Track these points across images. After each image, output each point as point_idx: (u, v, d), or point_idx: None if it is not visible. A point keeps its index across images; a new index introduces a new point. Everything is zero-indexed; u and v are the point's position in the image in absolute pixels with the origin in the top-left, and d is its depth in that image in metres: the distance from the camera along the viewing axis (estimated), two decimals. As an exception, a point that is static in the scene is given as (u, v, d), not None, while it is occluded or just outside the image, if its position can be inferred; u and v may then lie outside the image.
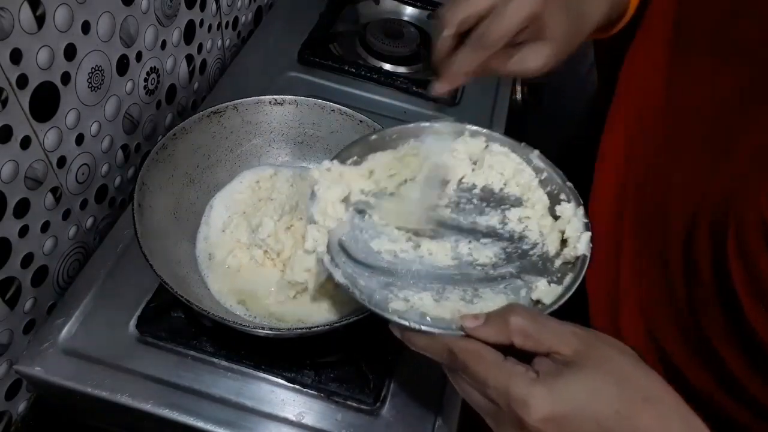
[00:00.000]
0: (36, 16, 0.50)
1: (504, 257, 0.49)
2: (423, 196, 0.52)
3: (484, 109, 0.93)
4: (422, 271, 0.49)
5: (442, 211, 0.52)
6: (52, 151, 0.57)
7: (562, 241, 0.49)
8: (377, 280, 0.47)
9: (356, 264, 0.48)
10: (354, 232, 0.50)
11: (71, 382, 0.57)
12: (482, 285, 0.47)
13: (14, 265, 0.56)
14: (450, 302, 0.46)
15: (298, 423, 0.57)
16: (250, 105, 0.68)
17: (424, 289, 0.47)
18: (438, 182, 0.53)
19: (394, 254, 0.50)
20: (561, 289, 0.45)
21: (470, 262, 0.49)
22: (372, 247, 0.49)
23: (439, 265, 0.49)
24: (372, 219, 0.51)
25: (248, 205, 0.67)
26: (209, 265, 0.63)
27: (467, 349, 0.39)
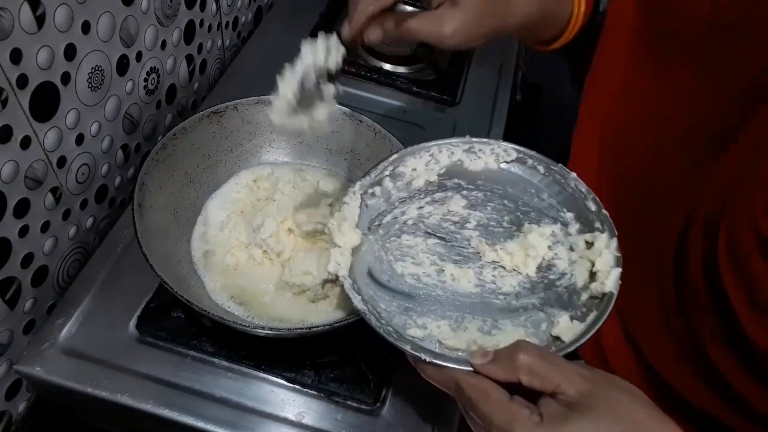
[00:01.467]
0: (36, 16, 0.50)
1: (529, 287, 0.48)
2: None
3: (484, 109, 0.93)
4: (443, 297, 0.48)
5: (470, 232, 0.51)
6: (52, 151, 0.57)
7: (591, 273, 0.47)
8: (397, 304, 0.47)
9: (378, 286, 0.48)
10: (380, 253, 0.50)
11: (71, 382, 0.57)
12: (502, 316, 0.46)
13: (14, 265, 0.56)
14: (467, 333, 0.45)
15: (298, 423, 0.57)
16: (250, 105, 0.68)
17: (442, 317, 0.46)
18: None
19: (417, 278, 0.49)
20: (582, 327, 0.44)
21: (493, 290, 0.48)
22: (396, 270, 0.49)
23: (461, 291, 0.48)
24: (399, 241, 0.51)
25: (246, 204, 0.68)
26: (206, 264, 0.63)
27: (474, 386, 0.39)
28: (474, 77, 0.98)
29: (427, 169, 0.54)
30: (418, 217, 0.52)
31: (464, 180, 0.54)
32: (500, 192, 0.53)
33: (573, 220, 0.51)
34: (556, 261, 0.49)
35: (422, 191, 0.53)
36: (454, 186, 0.54)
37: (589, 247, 0.49)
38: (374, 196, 0.52)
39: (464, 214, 0.52)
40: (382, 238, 0.51)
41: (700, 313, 0.46)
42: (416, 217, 0.52)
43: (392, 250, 0.50)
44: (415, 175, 0.54)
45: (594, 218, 0.50)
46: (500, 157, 0.54)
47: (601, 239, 0.48)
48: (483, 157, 0.54)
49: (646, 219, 0.54)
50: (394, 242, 0.51)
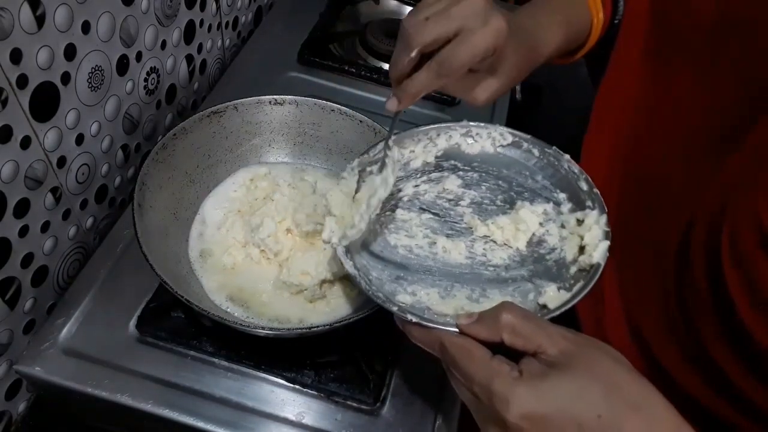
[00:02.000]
0: (36, 16, 0.50)
1: (518, 260, 0.50)
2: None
3: (484, 109, 0.93)
4: (434, 267, 0.50)
5: (464, 209, 0.53)
6: (52, 151, 0.57)
7: (581, 248, 0.49)
8: (389, 273, 0.48)
9: (371, 256, 0.49)
10: (374, 225, 0.51)
11: (71, 382, 0.57)
12: (491, 286, 0.48)
13: (14, 265, 0.56)
14: (455, 300, 0.47)
15: (298, 423, 0.57)
16: (250, 105, 0.68)
17: (432, 285, 0.48)
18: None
19: (410, 249, 0.51)
20: (568, 296, 0.45)
21: (483, 262, 0.50)
22: (389, 241, 0.51)
23: (452, 263, 0.50)
24: (393, 215, 0.52)
25: (244, 204, 0.67)
26: (204, 263, 0.63)
27: (457, 344, 0.40)
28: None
29: (425, 151, 0.55)
30: (413, 194, 0.54)
31: (461, 162, 0.55)
32: (495, 173, 0.55)
33: (565, 200, 0.52)
34: (547, 237, 0.51)
35: (419, 171, 0.55)
36: (451, 167, 0.55)
37: (580, 224, 0.50)
38: (372, 174, 0.53)
39: (459, 193, 0.54)
40: (378, 213, 0.52)
41: (702, 313, 0.46)
42: (412, 194, 0.54)
43: (387, 224, 0.52)
44: (412, 156, 0.55)
45: (585, 197, 0.51)
46: (496, 140, 0.55)
47: (591, 216, 0.49)
48: (480, 141, 0.56)
49: (649, 220, 0.54)
50: (389, 216, 0.52)
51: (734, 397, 0.45)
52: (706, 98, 0.50)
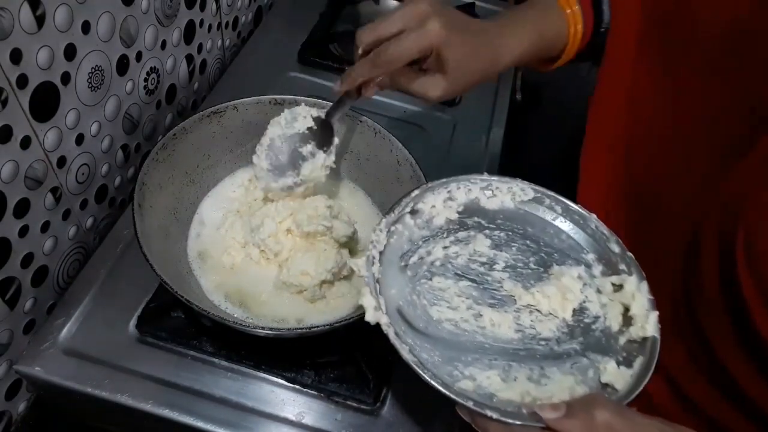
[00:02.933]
0: (36, 16, 0.50)
1: (567, 331, 0.47)
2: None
3: (485, 109, 0.93)
4: (486, 344, 0.46)
5: (500, 274, 0.50)
6: (52, 151, 0.57)
7: (626, 317, 0.47)
8: (440, 354, 0.45)
9: (416, 333, 0.45)
10: (412, 297, 0.48)
11: (71, 382, 0.57)
12: (548, 363, 0.45)
13: (14, 265, 0.56)
14: (518, 383, 0.44)
15: (298, 423, 0.57)
16: (250, 105, 0.68)
17: (489, 366, 0.45)
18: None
19: (455, 324, 0.47)
20: (632, 374, 0.43)
21: (533, 336, 0.47)
22: (431, 315, 0.47)
23: (503, 338, 0.47)
24: (430, 283, 0.49)
25: (243, 204, 0.67)
26: (203, 263, 0.63)
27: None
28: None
29: (446, 207, 0.53)
30: (445, 258, 0.51)
31: (484, 219, 0.53)
32: (521, 232, 0.53)
33: (595, 261, 0.50)
34: (588, 304, 0.48)
35: (444, 229, 0.52)
36: (475, 225, 0.53)
37: (617, 290, 0.48)
38: (396, 234, 0.50)
39: (491, 255, 0.51)
40: (412, 280, 0.49)
41: (711, 314, 0.46)
42: (443, 257, 0.51)
43: (424, 294, 0.48)
44: (434, 212, 0.52)
45: (618, 260, 0.49)
46: (517, 195, 0.53)
47: (630, 282, 0.47)
48: (499, 195, 0.54)
49: (655, 224, 0.54)
50: (425, 285, 0.49)
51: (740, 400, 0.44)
52: (713, 106, 0.49)
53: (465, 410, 0.41)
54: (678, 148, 0.53)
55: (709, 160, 0.49)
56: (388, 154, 0.67)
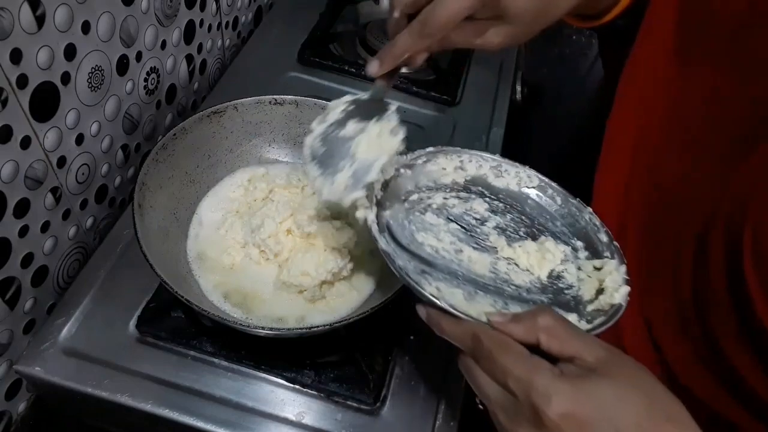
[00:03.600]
0: (36, 16, 0.50)
1: (539, 286, 0.50)
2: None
3: (485, 109, 0.93)
4: (459, 272, 0.49)
5: (489, 230, 0.54)
6: (52, 151, 0.57)
7: (598, 290, 0.49)
8: (414, 265, 0.48)
9: (398, 246, 0.49)
10: (404, 221, 0.52)
11: (71, 382, 0.57)
12: (512, 302, 0.48)
13: (14, 265, 0.56)
14: (479, 305, 0.46)
15: (298, 423, 0.57)
16: (250, 105, 0.68)
17: (457, 286, 0.48)
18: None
19: (436, 250, 0.51)
20: (588, 327, 0.45)
21: (506, 280, 0.50)
22: (416, 238, 0.51)
23: (476, 272, 0.50)
24: (423, 217, 0.53)
25: (242, 204, 0.67)
26: (203, 263, 0.63)
27: (494, 337, 0.39)
28: (474, 77, 0.98)
29: (455, 172, 0.56)
30: (442, 204, 0.54)
31: (488, 190, 0.56)
32: (519, 209, 0.56)
33: (582, 248, 0.53)
34: (566, 275, 0.51)
35: (448, 187, 0.56)
36: (478, 192, 0.56)
37: (597, 270, 0.51)
38: (405, 175, 0.54)
39: (485, 215, 0.55)
40: (407, 210, 0.53)
41: (719, 312, 0.46)
42: (441, 203, 0.54)
43: (415, 222, 0.52)
44: (444, 173, 0.56)
45: (604, 248, 0.52)
46: (523, 181, 0.56)
47: (610, 264, 0.50)
48: (507, 177, 0.57)
49: (664, 219, 0.54)
50: (418, 216, 0.53)
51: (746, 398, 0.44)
52: (726, 100, 0.49)
53: (423, 308, 0.43)
54: (686, 145, 0.53)
55: (718, 157, 0.49)
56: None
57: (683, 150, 0.53)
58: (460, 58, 0.99)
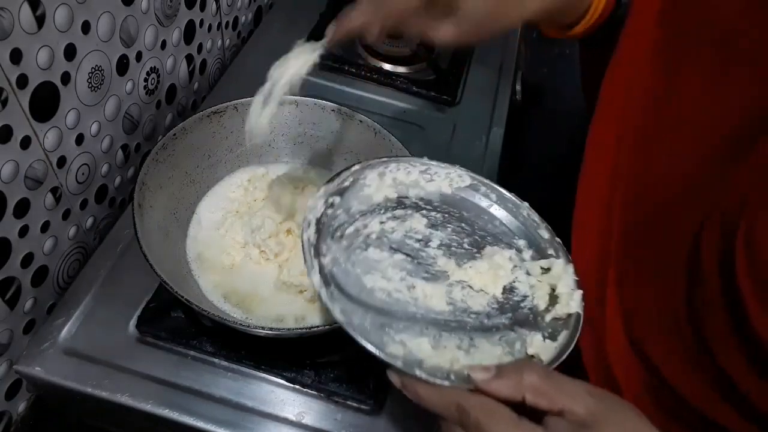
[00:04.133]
0: (36, 16, 0.50)
1: (497, 307, 0.49)
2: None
3: (484, 109, 0.93)
4: (418, 314, 0.47)
5: (434, 251, 0.52)
6: (52, 151, 0.57)
7: (552, 296, 0.49)
8: (372, 320, 0.45)
9: (348, 300, 0.46)
10: (346, 265, 0.48)
11: (71, 382, 0.57)
12: (477, 335, 0.46)
13: (14, 265, 0.56)
14: (447, 351, 0.44)
15: (298, 423, 0.57)
16: (251, 105, 0.68)
17: (420, 334, 0.45)
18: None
19: (388, 293, 0.48)
20: (556, 346, 0.44)
21: (464, 309, 0.48)
22: (365, 284, 0.48)
23: (435, 309, 0.48)
24: (365, 254, 0.50)
25: (242, 205, 0.67)
26: (202, 263, 0.63)
27: (479, 406, 0.38)
28: (474, 77, 0.98)
29: (385, 187, 0.54)
30: (381, 232, 0.51)
31: (421, 200, 0.54)
32: (457, 215, 0.54)
33: (525, 247, 0.52)
34: (517, 284, 0.50)
35: (381, 206, 0.53)
36: (413, 205, 0.54)
37: (545, 272, 0.50)
38: (334, 206, 0.51)
39: (426, 233, 0.52)
40: (347, 250, 0.49)
41: (712, 319, 0.46)
42: (379, 231, 0.51)
43: (359, 263, 0.49)
44: (374, 190, 0.53)
45: (547, 246, 0.51)
46: (454, 182, 0.55)
47: (557, 264, 0.49)
48: (437, 180, 0.55)
49: (656, 226, 0.53)
50: (360, 255, 0.50)
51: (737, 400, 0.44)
52: (715, 107, 0.49)
53: (394, 373, 0.42)
54: (675, 148, 0.52)
55: (710, 159, 0.49)
56: (388, 154, 0.67)
57: (673, 153, 0.53)
58: (460, 58, 0.99)
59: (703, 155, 0.50)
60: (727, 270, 0.43)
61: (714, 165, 0.49)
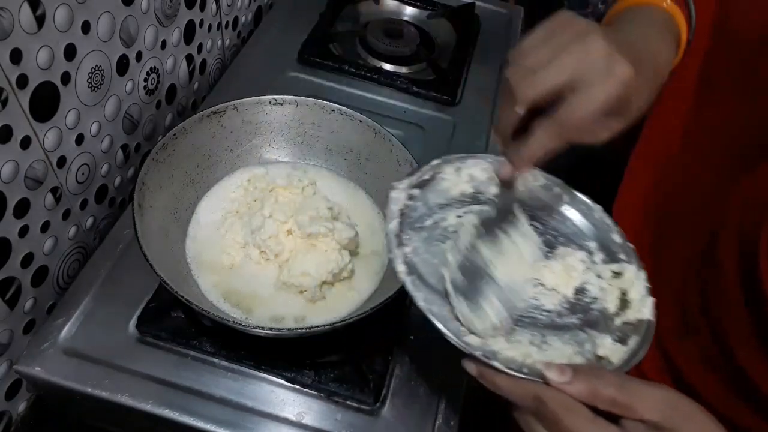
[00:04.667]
0: (36, 16, 0.50)
1: (568, 307, 0.49)
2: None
3: (484, 109, 0.93)
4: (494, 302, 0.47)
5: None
6: (52, 151, 0.57)
7: (623, 301, 0.49)
8: (449, 309, 0.46)
9: (429, 289, 0.47)
10: (425, 255, 0.49)
11: (71, 382, 0.57)
12: (549, 332, 0.47)
13: (14, 265, 0.56)
14: (521, 345, 0.45)
15: (298, 423, 0.57)
16: (250, 105, 0.68)
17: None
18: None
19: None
20: (626, 350, 0.45)
21: (537, 306, 0.49)
22: (444, 275, 0.48)
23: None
24: (443, 246, 0.50)
25: (242, 205, 0.67)
26: (202, 264, 0.63)
27: (558, 400, 0.38)
28: (474, 77, 0.98)
29: (462, 182, 0.54)
30: (457, 225, 0.52)
31: (496, 197, 0.54)
32: (529, 214, 0.54)
33: (597, 249, 0.52)
34: (588, 286, 0.50)
35: (458, 200, 0.54)
36: (488, 201, 0.54)
37: (616, 276, 0.50)
38: (414, 198, 0.52)
39: None
40: (426, 241, 0.50)
41: (731, 316, 0.46)
42: (456, 224, 0.52)
43: (438, 254, 0.50)
44: (451, 184, 0.54)
45: (619, 250, 0.51)
46: (528, 180, 0.55)
47: (629, 270, 0.49)
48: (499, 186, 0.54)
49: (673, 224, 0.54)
50: (438, 247, 0.51)
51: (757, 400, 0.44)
52: (746, 116, 0.49)
53: (472, 363, 0.42)
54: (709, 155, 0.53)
55: (729, 165, 0.49)
56: (388, 154, 0.67)
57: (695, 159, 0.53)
58: (460, 58, 0.99)
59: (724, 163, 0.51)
60: (748, 269, 0.43)
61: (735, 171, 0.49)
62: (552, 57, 0.40)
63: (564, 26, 0.41)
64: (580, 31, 0.40)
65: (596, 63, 0.39)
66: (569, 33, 0.40)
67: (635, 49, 0.43)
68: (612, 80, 0.39)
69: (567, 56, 0.39)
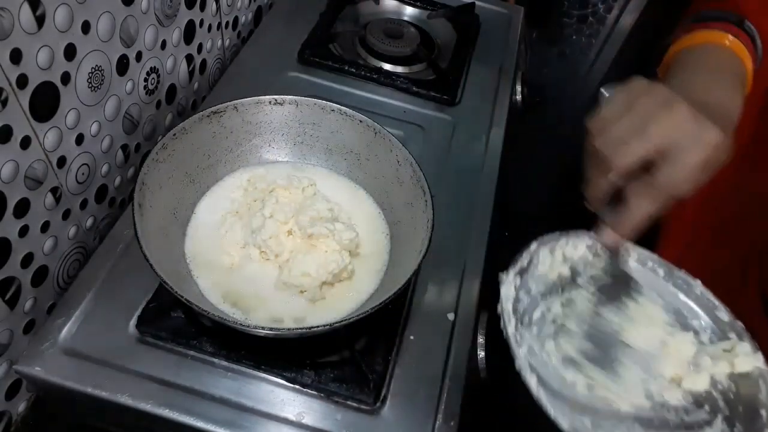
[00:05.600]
0: (36, 16, 0.50)
1: (691, 400, 0.47)
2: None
3: (484, 109, 0.93)
4: (621, 411, 0.46)
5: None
6: (52, 151, 0.57)
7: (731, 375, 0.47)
8: (581, 421, 0.44)
9: (551, 396, 0.44)
10: (542, 355, 0.47)
11: (71, 382, 0.57)
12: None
13: (14, 265, 0.56)
14: None
15: (298, 423, 0.57)
16: (250, 105, 0.68)
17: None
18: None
19: (591, 387, 0.47)
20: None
21: (662, 403, 0.47)
22: (565, 378, 0.46)
23: (635, 403, 0.47)
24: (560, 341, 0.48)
25: (242, 204, 0.67)
26: (202, 264, 0.63)
27: None
28: (474, 77, 0.98)
29: (558, 264, 0.53)
30: (564, 316, 0.50)
31: (592, 278, 0.52)
32: (624, 292, 0.52)
33: (702, 328, 0.50)
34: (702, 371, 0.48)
35: (558, 285, 0.52)
36: (585, 284, 0.52)
37: (727, 353, 0.48)
38: (516, 289, 0.50)
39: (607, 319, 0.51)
40: (538, 339, 0.48)
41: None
42: (562, 315, 0.50)
43: (552, 353, 0.48)
44: (547, 267, 0.52)
45: (727, 328, 0.49)
46: (621, 255, 0.53)
47: (742, 346, 0.47)
48: (603, 254, 0.52)
49: (736, 229, 0.53)
50: (551, 345, 0.49)
51: None
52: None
53: None
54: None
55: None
56: (388, 154, 0.67)
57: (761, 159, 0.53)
58: (460, 58, 0.99)
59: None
60: None
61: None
62: (640, 126, 0.41)
63: (643, 95, 0.42)
64: (663, 99, 0.42)
65: (686, 130, 0.41)
66: (652, 101, 0.42)
67: (718, 112, 0.44)
68: (703, 145, 0.41)
69: (656, 126, 0.41)
